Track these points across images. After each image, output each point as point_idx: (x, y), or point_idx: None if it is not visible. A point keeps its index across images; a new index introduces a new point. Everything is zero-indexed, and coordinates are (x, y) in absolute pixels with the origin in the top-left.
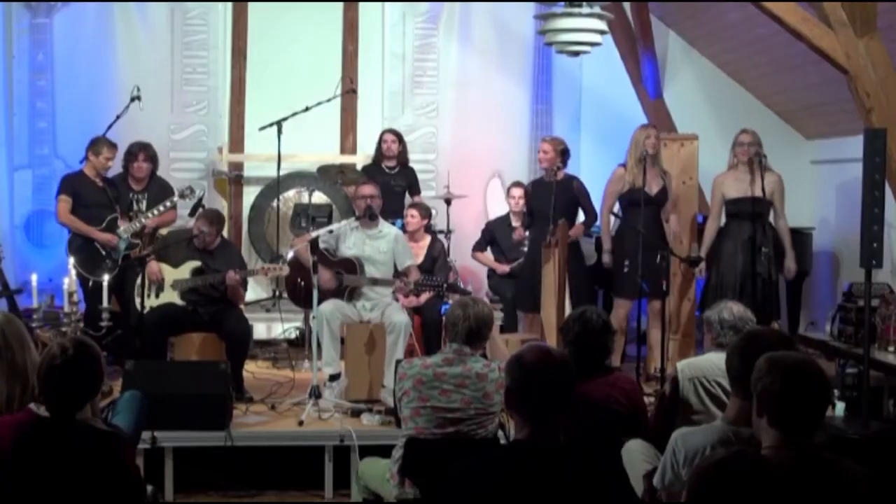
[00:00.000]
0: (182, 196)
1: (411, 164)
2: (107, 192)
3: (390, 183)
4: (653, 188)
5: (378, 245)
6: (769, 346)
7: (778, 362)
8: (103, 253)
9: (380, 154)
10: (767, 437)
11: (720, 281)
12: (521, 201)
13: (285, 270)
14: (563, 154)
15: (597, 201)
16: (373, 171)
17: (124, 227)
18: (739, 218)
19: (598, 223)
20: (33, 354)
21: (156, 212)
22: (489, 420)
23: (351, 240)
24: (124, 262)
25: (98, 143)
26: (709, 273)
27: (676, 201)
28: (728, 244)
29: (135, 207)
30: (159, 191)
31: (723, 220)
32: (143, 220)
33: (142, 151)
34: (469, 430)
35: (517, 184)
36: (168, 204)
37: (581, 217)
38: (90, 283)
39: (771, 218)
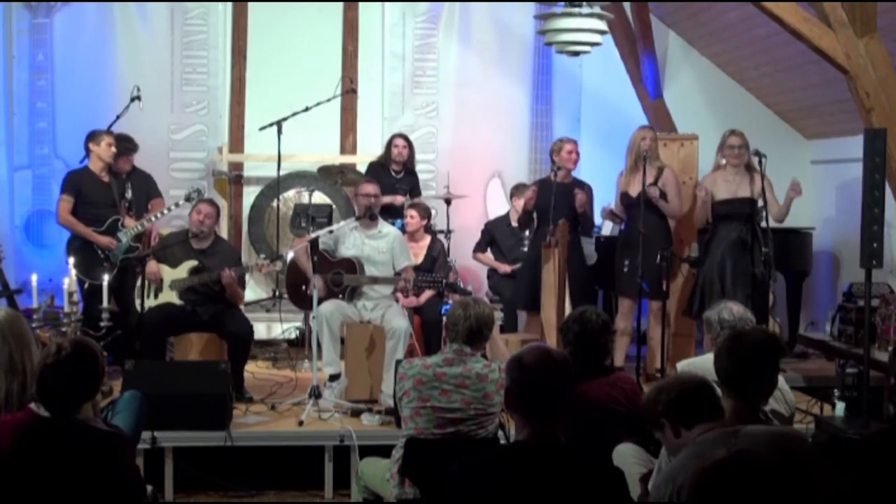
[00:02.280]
0: (188, 199)
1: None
2: (112, 189)
3: (395, 186)
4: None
5: (378, 245)
6: (755, 344)
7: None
8: (101, 255)
9: (388, 157)
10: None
11: (706, 282)
12: (531, 203)
13: (278, 266)
14: None
15: (598, 203)
16: (379, 170)
17: (125, 231)
18: (729, 219)
19: (598, 223)
20: (34, 354)
21: (159, 215)
22: (489, 420)
23: (350, 240)
24: (122, 263)
25: (96, 134)
26: (697, 275)
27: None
28: (715, 246)
29: (127, 196)
30: (142, 181)
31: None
32: (145, 223)
33: (130, 143)
34: (469, 430)
35: (523, 190)
36: (173, 207)
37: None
38: (86, 285)
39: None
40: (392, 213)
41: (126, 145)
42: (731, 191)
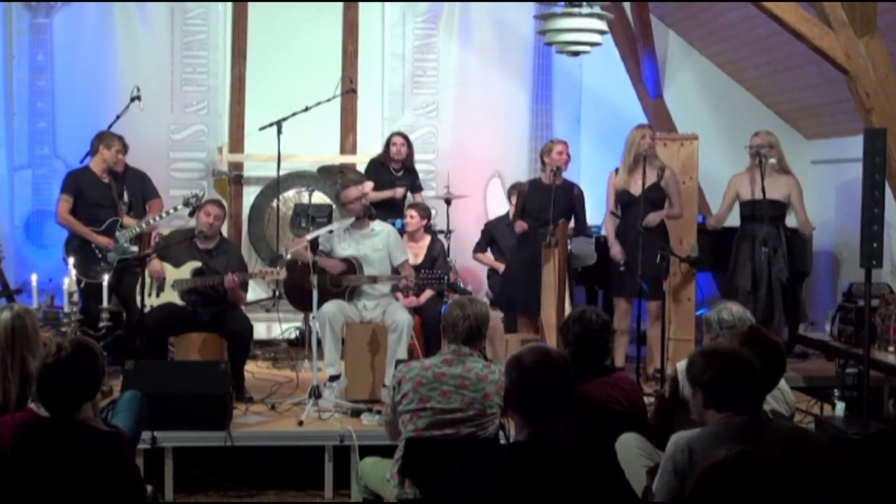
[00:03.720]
0: (187, 204)
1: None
2: (111, 190)
3: (394, 183)
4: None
5: (373, 243)
6: (770, 344)
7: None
8: (99, 255)
9: (387, 156)
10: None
11: (733, 282)
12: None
13: (282, 274)
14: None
15: (595, 204)
16: (378, 167)
17: (123, 232)
18: (752, 220)
19: (598, 223)
20: (38, 352)
21: (157, 218)
22: (489, 421)
23: (346, 241)
24: (119, 264)
25: (109, 137)
26: (723, 275)
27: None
28: (743, 246)
29: (124, 199)
30: (137, 180)
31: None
32: (143, 224)
33: (122, 142)
34: (469, 430)
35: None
36: (171, 211)
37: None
38: (82, 284)
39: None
40: (393, 210)
41: (125, 143)
42: (754, 191)
